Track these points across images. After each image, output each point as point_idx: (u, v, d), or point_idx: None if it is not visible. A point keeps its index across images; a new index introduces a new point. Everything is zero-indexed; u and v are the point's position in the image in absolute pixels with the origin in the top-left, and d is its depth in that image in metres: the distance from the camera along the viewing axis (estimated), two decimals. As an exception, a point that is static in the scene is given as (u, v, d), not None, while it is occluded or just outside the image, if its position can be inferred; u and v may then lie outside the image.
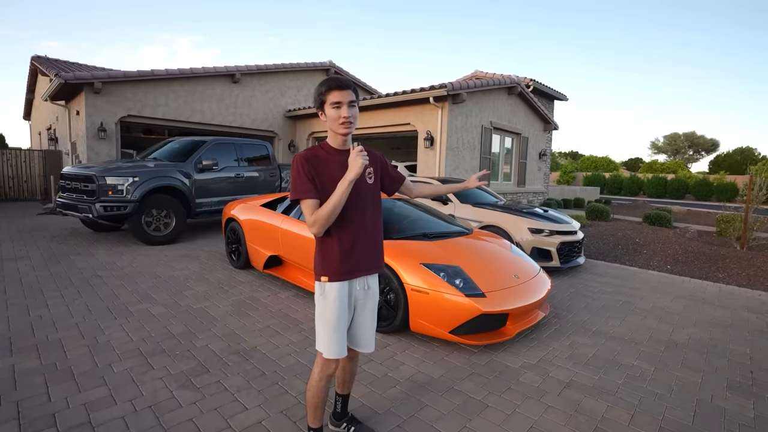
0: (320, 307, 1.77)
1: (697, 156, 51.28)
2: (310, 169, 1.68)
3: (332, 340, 1.74)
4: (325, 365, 1.78)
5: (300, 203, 1.69)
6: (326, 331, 1.75)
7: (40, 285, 4.20)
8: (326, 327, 1.75)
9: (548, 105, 14.85)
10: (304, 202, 1.67)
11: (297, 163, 1.68)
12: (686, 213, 15.36)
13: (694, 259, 6.42)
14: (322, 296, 1.76)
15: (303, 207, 1.68)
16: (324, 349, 1.76)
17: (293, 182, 1.69)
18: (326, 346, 1.75)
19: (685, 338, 3.40)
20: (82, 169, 6.17)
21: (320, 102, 1.70)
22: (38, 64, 11.95)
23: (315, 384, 1.80)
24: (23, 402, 2.21)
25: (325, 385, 1.81)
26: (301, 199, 1.67)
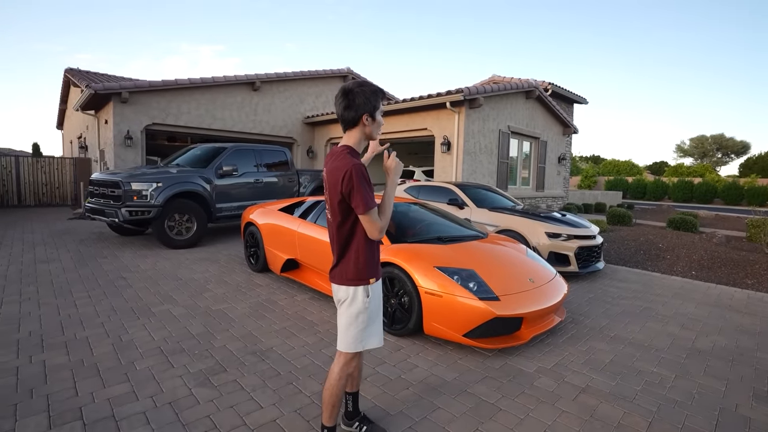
0: (369, 308, 1.82)
1: (726, 159, 49.48)
2: (368, 177, 1.71)
3: (379, 331, 1.89)
4: (348, 364, 1.86)
5: (368, 213, 1.68)
6: (374, 325, 1.86)
7: (69, 286, 4.38)
8: (373, 322, 1.85)
9: (567, 108, 14.64)
10: (374, 210, 1.69)
11: (363, 174, 1.67)
12: (714, 218, 14.83)
13: (720, 264, 6.21)
14: (369, 297, 1.81)
15: (371, 215, 1.68)
16: (371, 342, 1.85)
17: (364, 193, 1.65)
18: (375, 338, 1.87)
19: (709, 345, 3.29)
20: (109, 176, 6.43)
21: (374, 108, 1.74)
22: (71, 76, 12.53)
23: (335, 383, 1.84)
24: (52, 395, 2.32)
25: (345, 384, 1.88)
26: (373, 209, 1.69)
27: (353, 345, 1.83)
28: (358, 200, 1.65)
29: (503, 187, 10.49)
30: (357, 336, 1.82)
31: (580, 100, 14.78)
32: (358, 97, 1.71)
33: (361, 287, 1.79)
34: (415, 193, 6.84)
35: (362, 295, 1.79)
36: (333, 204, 1.76)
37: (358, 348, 1.83)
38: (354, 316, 1.81)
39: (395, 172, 1.80)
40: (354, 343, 1.82)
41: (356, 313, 1.80)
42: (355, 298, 1.80)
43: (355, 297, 1.80)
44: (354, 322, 1.81)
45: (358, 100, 1.71)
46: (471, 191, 6.48)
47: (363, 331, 1.82)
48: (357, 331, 1.81)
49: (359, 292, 1.79)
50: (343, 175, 1.65)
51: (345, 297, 1.82)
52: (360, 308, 1.80)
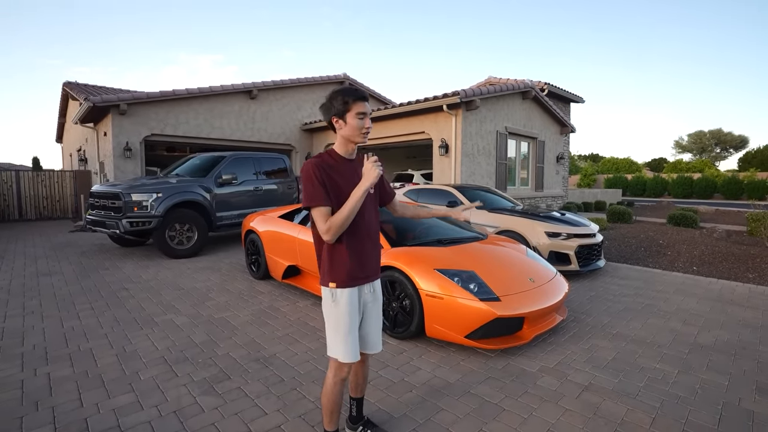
0: (332, 314, 1.79)
1: (724, 154, 49.58)
2: (322, 176, 1.69)
3: (347, 344, 1.78)
4: (338, 370, 1.82)
5: (312, 210, 1.69)
6: (339, 336, 1.78)
7: (72, 298, 4.40)
8: (339, 333, 1.78)
9: (564, 108, 14.69)
10: (317, 209, 1.68)
11: (309, 170, 1.69)
12: (714, 213, 14.84)
13: (722, 259, 6.21)
14: (333, 302, 1.78)
15: (315, 214, 1.68)
16: (339, 354, 1.79)
17: (306, 189, 1.69)
18: (341, 352, 1.78)
19: (711, 340, 3.30)
20: (109, 187, 6.46)
21: (344, 110, 1.72)
22: (69, 90, 12.61)
23: (330, 389, 1.84)
24: (58, 407, 2.33)
25: (340, 389, 1.85)
26: (314, 206, 1.68)
27: (330, 349, 1.82)
28: (303, 194, 1.71)
29: (502, 188, 10.51)
30: (329, 340, 1.81)
31: (577, 99, 14.84)
32: (329, 100, 1.75)
33: (327, 289, 1.79)
34: (414, 197, 6.87)
35: (329, 297, 1.78)
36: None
37: (332, 354, 1.80)
38: (326, 317, 1.82)
39: (367, 177, 1.68)
40: (330, 348, 1.81)
41: (326, 316, 1.82)
42: (324, 300, 1.81)
43: (325, 298, 1.81)
44: (327, 325, 1.82)
45: (329, 104, 1.75)
46: (470, 193, 6.50)
47: (332, 338, 1.80)
48: (329, 334, 1.81)
49: (327, 294, 1.80)
50: (301, 173, 1.75)
51: (323, 296, 1.83)
52: (326, 311, 1.81)
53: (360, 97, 1.72)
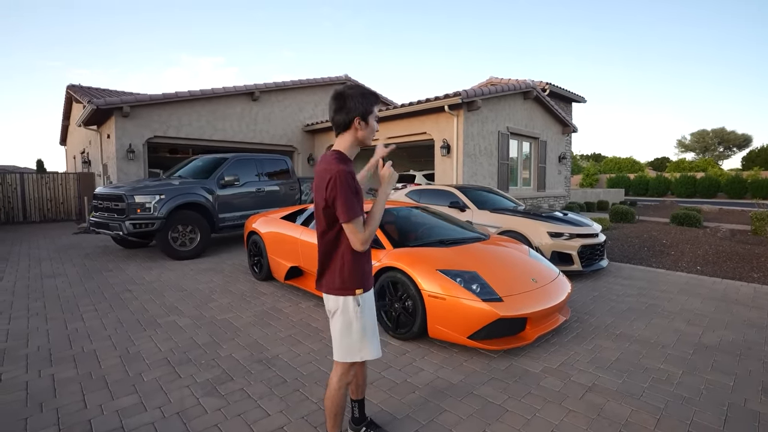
0: (359, 319, 1.76)
1: (728, 153, 49.30)
2: (356, 185, 1.64)
3: (373, 342, 1.81)
4: (344, 375, 1.82)
5: (352, 222, 1.61)
6: (367, 338, 1.78)
7: (75, 300, 4.42)
8: (367, 335, 1.78)
9: (566, 108, 14.66)
10: (357, 220, 1.62)
11: (348, 181, 1.59)
12: (717, 212, 14.77)
13: (726, 259, 6.18)
14: (360, 307, 1.75)
15: (354, 225, 1.62)
16: (368, 354, 1.79)
17: (346, 202, 1.58)
18: (371, 351, 1.80)
19: (716, 340, 3.28)
20: (112, 189, 6.49)
21: (367, 112, 1.68)
22: (73, 92, 12.68)
23: (334, 393, 1.83)
24: (62, 409, 2.34)
25: (345, 393, 1.85)
26: (356, 218, 1.61)
27: (348, 355, 1.78)
28: (341, 208, 1.59)
29: (504, 188, 10.50)
30: (352, 347, 1.77)
31: (579, 98, 14.81)
32: (350, 100, 1.66)
33: (350, 297, 1.74)
34: (416, 197, 6.86)
35: (353, 305, 1.74)
36: (318, 210, 1.71)
37: (355, 358, 1.79)
38: (347, 326, 1.76)
39: (388, 182, 1.72)
40: (349, 353, 1.78)
41: (348, 324, 1.75)
42: (345, 308, 1.75)
43: (346, 307, 1.74)
44: (348, 333, 1.76)
45: (350, 103, 1.66)
46: (472, 193, 6.50)
47: (359, 342, 1.77)
48: (352, 341, 1.77)
49: (349, 302, 1.74)
50: (329, 181, 1.61)
51: (335, 307, 1.77)
52: (352, 318, 1.75)
53: (379, 100, 1.75)
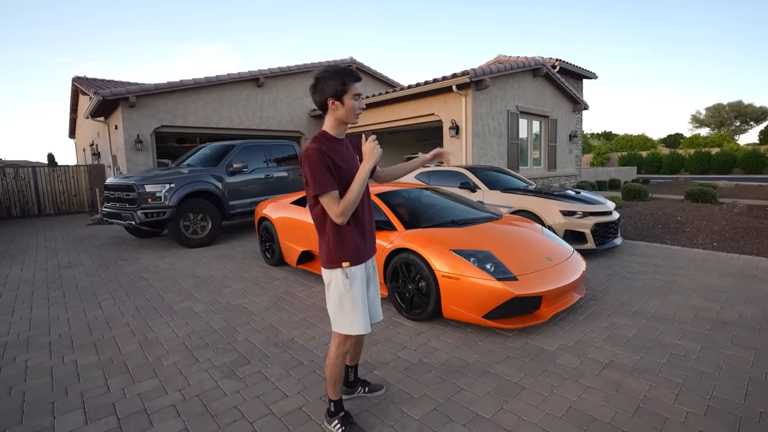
0: (347, 293, 1.83)
1: (745, 127, 47.96)
2: (326, 162, 1.71)
3: (362, 318, 1.86)
4: (342, 344, 1.91)
5: (322, 197, 1.71)
6: (357, 313, 1.85)
7: (93, 289, 4.50)
8: (356, 309, 1.84)
9: (576, 85, 14.31)
10: (328, 194, 1.70)
11: (315, 157, 1.68)
12: (734, 188, 14.45)
13: (743, 234, 6.06)
14: (348, 281, 1.82)
15: (327, 199, 1.71)
16: (357, 329, 1.85)
17: (314, 177, 1.68)
18: (358, 325, 1.85)
19: (735, 316, 3.23)
20: (123, 180, 6.54)
21: (342, 91, 1.72)
22: (79, 85, 12.70)
23: (333, 361, 1.92)
24: (86, 393, 2.40)
25: (343, 360, 1.95)
26: (325, 192, 1.70)
27: (340, 327, 1.87)
28: (311, 182, 1.70)
29: (514, 168, 10.36)
30: (343, 319, 1.85)
31: (590, 75, 14.42)
32: (322, 81, 1.73)
33: (338, 270, 1.81)
34: (426, 179, 6.81)
35: (341, 278, 1.82)
36: (304, 187, 1.80)
37: (345, 331, 1.86)
38: (337, 299, 1.84)
39: (369, 158, 1.75)
40: (340, 325, 1.86)
41: (339, 296, 1.84)
42: (336, 281, 1.83)
43: (336, 279, 1.83)
44: (339, 306, 1.84)
45: (321, 85, 1.73)
46: (482, 174, 6.42)
47: (350, 314, 1.84)
48: (343, 314, 1.85)
49: (338, 275, 1.82)
50: (302, 158, 1.73)
51: (328, 279, 1.86)
52: (341, 291, 1.83)
53: (356, 78, 1.75)
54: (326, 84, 1.72)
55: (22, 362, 2.82)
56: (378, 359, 2.71)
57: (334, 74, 1.72)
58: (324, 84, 1.73)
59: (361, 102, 1.79)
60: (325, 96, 1.74)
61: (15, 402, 2.33)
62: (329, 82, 1.71)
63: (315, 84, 1.75)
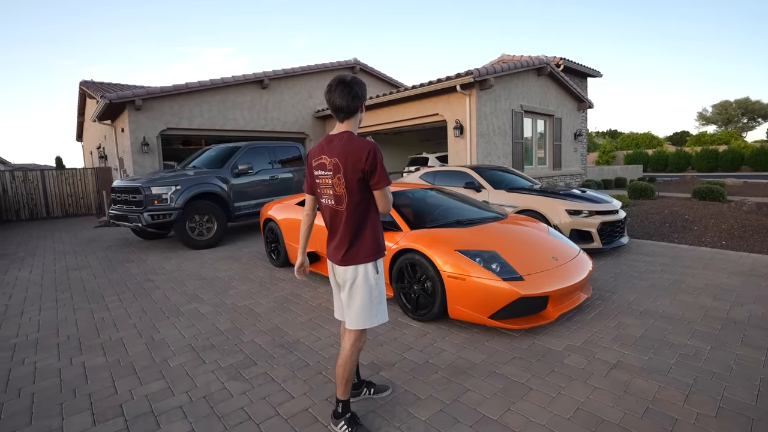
0: (377, 284, 1.92)
1: (752, 124, 47.46)
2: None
3: (386, 306, 1.97)
4: (358, 339, 1.95)
5: (386, 188, 1.84)
6: (383, 302, 1.95)
7: (100, 291, 4.53)
8: (382, 298, 1.95)
9: (581, 83, 14.24)
10: (388, 186, 1.85)
11: (380, 153, 1.83)
12: (742, 185, 14.29)
13: (752, 232, 5.98)
14: (378, 273, 1.92)
15: (386, 191, 1.85)
16: (379, 318, 1.93)
17: (384, 170, 1.81)
18: (383, 314, 1.95)
19: (745, 315, 3.19)
20: (129, 182, 6.58)
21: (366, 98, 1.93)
22: (86, 88, 12.81)
23: (347, 359, 1.94)
24: (94, 394, 2.41)
25: (358, 357, 1.98)
26: (390, 183, 1.86)
27: (368, 321, 1.91)
28: (380, 175, 1.80)
29: (519, 167, 10.32)
30: (372, 312, 1.90)
31: (594, 73, 14.34)
32: (361, 88, 1.85)
33: (371, 264, 1.90)
34: (430, 179, 6.79)
35: (372, 271, 1.90)
36: (351, 184, 1.81)
37: (372, 324, 1.92)
38: (368, 293, 1.89)
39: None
40: (369, 319, 1.91)
41: (370, 290, 1.89)
42: (365, 275, 1.89)
43: (365, 274, 1.89)
44: (369, 299, 1.89)
45: (361, 92, 1.85)
46: (487, 173, 6.39)
47: (377, 306, 1.92)
48: (372, 307, 1.90)
49: (369, 269, 1.89)
50: (367, 154, 1.77)
51: (354, 276, 1.89)
52: (372, 284, 1.90)
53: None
54: (363, 91, 1.86)
55: (31, 364, 2.84)
56: (384, 360, 2.71)
57: (365, 84, 1.89)
58: (362, 91, 1.86)
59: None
60: (362, 101, 1.87)
61: (24, 403, 2.35)
62: (365, 90, 1.88)
63: (354, 89, 1.83)
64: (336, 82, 1.83)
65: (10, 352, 3.04)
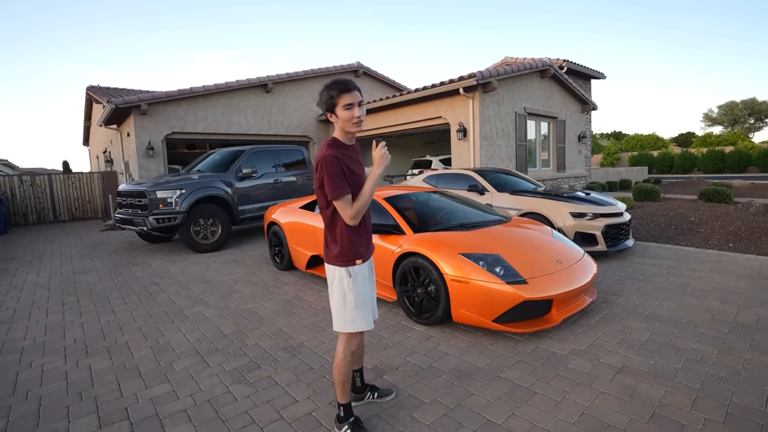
0: (352, 290, 1.89)
1: (759, 124, 47.04)
2: (342, 167, 1.80)
3: (367, 314, 1.94)
4: (348, 342, 1.95)
5: (338, 200, 1.79)
6: (360, 309, 1.91)
7: (106, 294, 4.56)
8: (360, 305, 1.91)
9: (585, 85, 14.19)
10: (344, 198, 1.79)
11: (333, 163, 1.76)
12: (749, 187, 14.17)
13: (760, 234, 5.93)
14: (352, 279, 1.89)
15: (342, 203, 1.79)
16: (361, 325, 1.92)
17: (332, 181, 1.76)
18: (364, 322, 1.92)
19: (753, 319, 3.16)
20: (135, 186, 6.64)
21: (331, 105, 1.81)
22: (92, 93, 12.95)
23: (341, 362, 1.95)
24: (100, 397, 2.43)
25: (350, 361, 1.97)
26: (341, 196, 1.78)
27: (343, 325, 1.91)
28: (328, 187, 1.77)
29: (523, 170, 10.29)
30: (347, 316, 1.90)
31: (598, 75, 14.29)
32: (319, 97, 1.85)
33: (343, 268, 1.88)
34: (434, 182, 6.79)
35: (345, 276, 1.88)
36: (316, 189, 1.87)
37: (349, 329, 1.91)
38: (341, 296, 1.90)
39: (380, 164, 1.83)
40: (344, 323, 1.91)
41: (342, 294, 1.89)
42: (340, 279, 1.89)
43: (340, 278, 1.89)
44: (342, 303, 1.90)
45: (319, 100, 1.85)
46: (490, 176, 6.38)
47: (352, 311, 1.90)
48: (346, 311, 1.90)
49: (343, 273, 1.89)
50: (317, 163, 1.80)
51: (332, 276, 1.92)
52: (345, 289, 1.89)
53: (344, 89, 1.78)
54: (320, 99, 1.83)
55: (38, 366, 2.87)
56: (387, 364, 2.71)
57: (325, 89, 1.81)
58: (320, 99, 1.84)
59: (355, 110, 1.80)
60: (323, 110, 1.85)
61: (32, 406, 2.37)
62: (322, 97, 1.82)
63: (318, 99, 1.86)
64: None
65: (18, 355, 3.07)
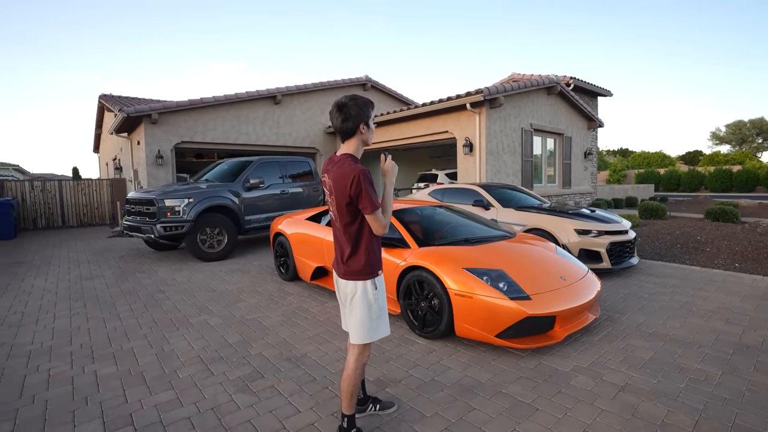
0: (376, 300, 1.96)
1: (767, 144, 46.87)
2: (372, 180, 1.89)
3: (386, 319, 2.02)
4: (361, 354, 1.99)
5: (374, 213, 1.85)
6: (383, 317, 1.99)
7: (112, 300, 4.62)
8: (382, 314, 1.99)
9: (591, 102, 14.29)
10: (378, 211, 1.87)
11: (368, 178, 1.84)
12: (757, 206, 14.07)
13: (767, 255, 5.89)
14: (377, 289, 1.96)
15: (376, 215, 1.85)
16: (382, 331, 1.99)
17: (370, 195, 1.82)
18: (385, 328, 2.00)
19: (758, 340, 3.14)
20: (143, 194, 6.74)
21: (368, 117, 1.92)
22: (105, 102, 13.22)
23: (352, 373, 1.97)
24: (105, 403, 2.46)
25: (362, 372, 2.01)
26: (377, 209, 1.85)
27: (369, 336, 1.95)
28: (366, 202, 1.82)
29: (528, 185, 10.32)
30: (371, 327, 1.95)
31: (604, 92, 14.40)
32: (353, 108, 1.88)
33: (369, 281, 1.94)
34: (439, 196, 6.84)
35: (371, 288, 1.94)
36: (341, 207, 1.90)
37: (373, 338, 1.96)
38: (366, 308, 1.94)
39: (391, 174, 1.97)
40: (369, 334, 1.95)
41: (368, 306, 1.94)
42: (364, 292, 1.94)
43: (365, 290, 1.94)
44: (368, 314, 1.94)
45: (353, 112, 1.88)
46: (496, 191, 6.42)
47: (376, 321, 1.96)
48: (371, 322, 1.94)
49: (368, 286, 1.94)
50: (352, 180, 1.82)
51: (353, 292, 1.95)
52: (370, 300, 1.94)
53: (374, 106, 1.99)
54: (359, 111, 1.88)
55: (45, 371, 2.90)
56: (390, 377, 2.72)
57: (365, 103, 1.91)
58: (357, 111, 1.88)
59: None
60: (359, 122, 1.89)
61: (38, 410, 2.40)
62: (362, 109, 1.89)
63: (346, 110, 1.88)
64: (334, 105, 1.92)
65: (25, 359, 3.11)
